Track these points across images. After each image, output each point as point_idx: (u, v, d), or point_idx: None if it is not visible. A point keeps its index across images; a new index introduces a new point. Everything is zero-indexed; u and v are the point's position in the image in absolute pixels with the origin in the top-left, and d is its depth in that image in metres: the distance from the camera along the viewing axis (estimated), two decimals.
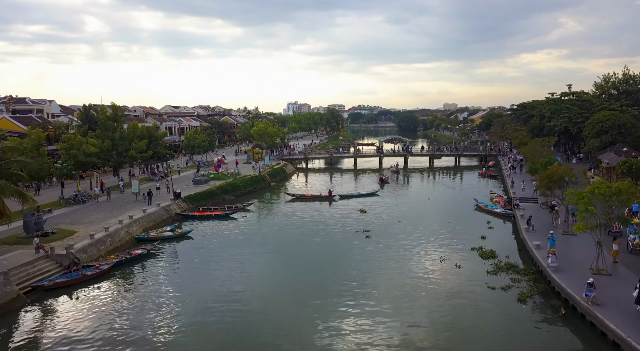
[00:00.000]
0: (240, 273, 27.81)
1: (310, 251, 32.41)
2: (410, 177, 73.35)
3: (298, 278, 27.24)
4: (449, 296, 23.72)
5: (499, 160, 78.66)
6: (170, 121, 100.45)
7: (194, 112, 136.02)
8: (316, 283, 26.19)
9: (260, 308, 22.73)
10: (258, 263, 30.02)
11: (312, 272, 28.07)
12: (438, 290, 24.58)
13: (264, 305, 23.12)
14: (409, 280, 26.29)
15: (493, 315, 21.63)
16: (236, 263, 29.81)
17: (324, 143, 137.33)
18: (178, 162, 73.05)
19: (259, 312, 22.26)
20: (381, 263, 29.29)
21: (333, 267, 28.73)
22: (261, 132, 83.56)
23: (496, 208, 43.10)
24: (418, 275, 27.09)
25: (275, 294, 24.72)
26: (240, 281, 26.59)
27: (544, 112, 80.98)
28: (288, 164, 77.44)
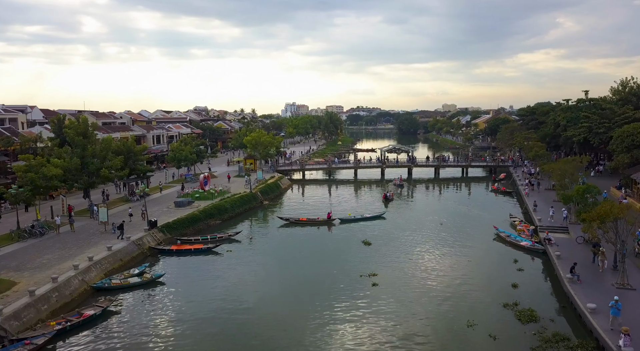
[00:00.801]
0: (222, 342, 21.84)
1: (301, 311, 26.30)
2: (416, 192, 67.41)
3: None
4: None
5: (511, 173, 72.74)
6: (158, 128, 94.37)
7: (186, 117, 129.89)
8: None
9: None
10: (241, 325, 23.99)
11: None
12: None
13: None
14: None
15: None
16: (213, 325, 23.81)
17: (322, 149, 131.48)
18: (163, 176, 66.98)
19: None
20: (393, 337, 23.29)
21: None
22: (254, 142, 77.62)
23: (522, 240, 37.14)
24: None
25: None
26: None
27: (559, 120, 75.14)
28: (283, 177, 71.40)
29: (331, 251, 37.12)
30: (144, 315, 25.32)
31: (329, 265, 33.23)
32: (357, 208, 55.25)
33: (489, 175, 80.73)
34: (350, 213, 49.09)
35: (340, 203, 58.04)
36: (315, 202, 59.06)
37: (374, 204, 57.31)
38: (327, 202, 58.80)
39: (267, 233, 43.26)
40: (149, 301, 27.17)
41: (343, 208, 54.74)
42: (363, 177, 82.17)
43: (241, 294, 28.19)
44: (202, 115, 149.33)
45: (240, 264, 33.93)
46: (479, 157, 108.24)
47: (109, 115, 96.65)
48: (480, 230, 42.56)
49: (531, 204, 46.84)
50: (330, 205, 55.86)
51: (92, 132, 47.89)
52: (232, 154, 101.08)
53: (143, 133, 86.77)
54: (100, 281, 28.89)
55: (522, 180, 63.38)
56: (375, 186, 74.65)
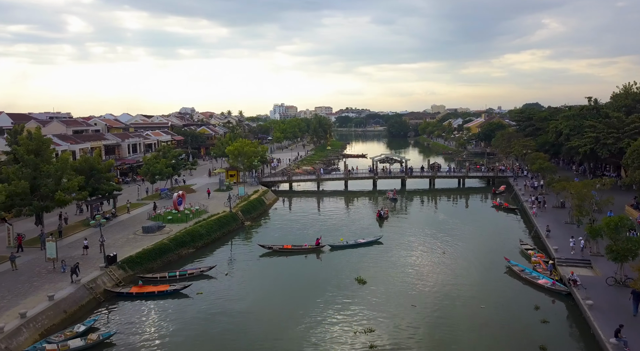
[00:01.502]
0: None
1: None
2: (411, 206, 62.44)
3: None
4: None
5: (512, 185, 68.07)
6: (135, 136, 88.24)
7: (168, 122, 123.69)
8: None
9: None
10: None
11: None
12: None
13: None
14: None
15: None
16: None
17: (311, 155, 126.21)
18: (137, 190, 61.08)
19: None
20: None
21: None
22: (237, 152, 72.06)
23: (539, 276, 32.18)
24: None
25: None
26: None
27: (561, 128, 70.74)
28: (268, 191, 65.88)
29: (317, 293, 31.75)
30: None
31: (315, 318, 27.89)
32: (349, 226, 50.20)
33: (487, 186, 76.16)
34: (342, 239, 43.82)
35: (330, 221, 52.92)
36: (302, 220, 53.81)
37: (367, 222, 52.28)
38: (315, 220, 53.59)
39: (245, 267, 37.70)
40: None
41: (333, 227, 49.76)
42: (354, 188, 77.14)
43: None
44: (185, 120, 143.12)
45: (210, 314, 28.43)
46: (474, 164, 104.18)
47: (82, 122, 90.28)
48: (489, 260, 37.57)
49: (542, 227, 42.04)
50: (319, 225, 50.68)
51: (47, 147, 41.94)
52: (215, 163, 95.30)
53: (117, 142, 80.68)
54: (32, 346, 23.23)
55: (525, 194, 58.75)
56: (368, 199, 69.66)
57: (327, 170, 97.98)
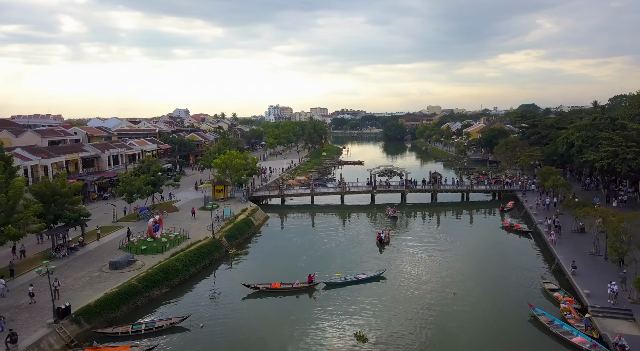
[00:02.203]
0: None
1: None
2: (413, 226, 57.28)
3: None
4: None
5: (521, 202, 63.06)
6: (117, 146, 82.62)
7: (155, 129, 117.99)
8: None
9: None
10: None
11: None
12: None
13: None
14: None
15: None
16: None
17: (305, 163, 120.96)
18: (112, 211, 55.62)
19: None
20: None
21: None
22: (224, 166, 66.69)
23: (573, 332, 27.03)
24: None
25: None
26: None
27: (573, 139, 65.85)
28: (257, 209, 60.49)
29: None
30: None
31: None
32: (346, 253, 45.09)
33: (492, 200, 71.21)
34: (339, 274, 38.55)
35: (324, 246, 47.91)
36: (294, 245, 48.69)
37: (366, 247, 47.32)
38: (309, 245, 48.46)
39: (225, 314, 32.29)
40: None
41: (328, 254, 44.90)
42: (351, 202, 72.08)
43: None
44: (174, 125, 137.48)
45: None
46: (476, 173, 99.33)
47: (59, 131, 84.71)
48: (508, 305, 32.43)
49: (565, 260, 37.05)
50: (312, 252, 45.52)
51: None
52: (202, 174, 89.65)
53: (96, 154, 75.12)
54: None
55: (537, 214, 53.72)
56: (366, 216, 64.63)
57: (322, 181, 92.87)
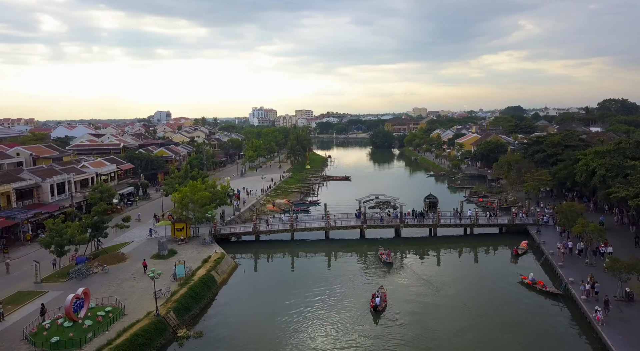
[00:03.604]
0: None
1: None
2: (411, 278, 47.16)
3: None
4: None
5: (537, 241, 53.40)
6: (65, 171, 70.85)
7: (120, 144, 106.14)
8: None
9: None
10: None
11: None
12: None
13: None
14: None
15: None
16: None
17: (287, 179, 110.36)
18: (35, 269, 44.36)
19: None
20: None
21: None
22: (186, 201, 55.79)
23: None
24: None
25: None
26: None
27: (594, 167, 56.62)
28: (223, 258, 49.60)
29: None
30: None
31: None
32: (330, 330, 34.66)
33: (500, 234, 61.53)
34: None
35: (303, 316, 37.53)
36: (263, 313, 38.38)
37: (357, 316, 37.53)
38: (282, 310, 38.10)
39: None
40: None
41: (308, 331, 34.44)
42: (337, 236, 62.07)
43: None
44: (142, 138, 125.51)
45: None
46: (474, 193, 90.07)
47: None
48: None
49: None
50: (289, 329, 35.07)
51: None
52: (166, 200, 78.22)
53: (36, 183, 63.49)
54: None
55: (563, 265, 44.11)
56: (356, 259, 54.97)
57: (305, 206, 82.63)
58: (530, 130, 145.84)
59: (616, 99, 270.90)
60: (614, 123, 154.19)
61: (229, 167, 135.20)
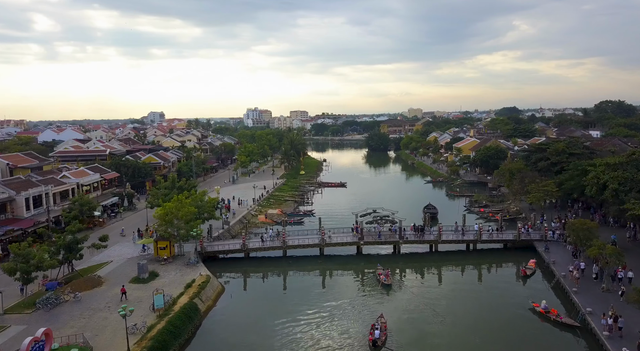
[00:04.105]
0: None
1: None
2: (412, 302, 43.45)
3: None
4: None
5: (547, 264, 49.80)
6: (43, 183, 66.53)
7: (106, 150, 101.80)
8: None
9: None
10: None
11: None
12: None
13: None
14: None
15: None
16: None
17: (281, 186, 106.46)
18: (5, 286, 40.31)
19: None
20: None
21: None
22: (170, 217, 51.88)
23: None
24: None
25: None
26: None
27: (605, 180, 53.20)
28: (209, 281, 45.58)
29: None
30: None
31: None
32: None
33: (504, 250, 57.99)
34: None
35: (296, 345, 33.81)
36: (253, 347, 34.55)
37: None
38: (272, 346, 34.36)
39: None
40: None
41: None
42: (333, 252, 58.45)
43: None
44: (130, 143, 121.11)
45: None
46: (475, 203, 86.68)
47: None
48: None
49: None
50: None
51: None
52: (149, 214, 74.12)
53: (10, 197, 59.26)
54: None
55: (577, 291, 40.61)
56: (352, 277, 51.58)
57: (299, 216, 78.83)
58: (529, 134, 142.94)
59: (613, 101, 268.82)
60: (613, 126, 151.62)
61: (221, 172, 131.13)
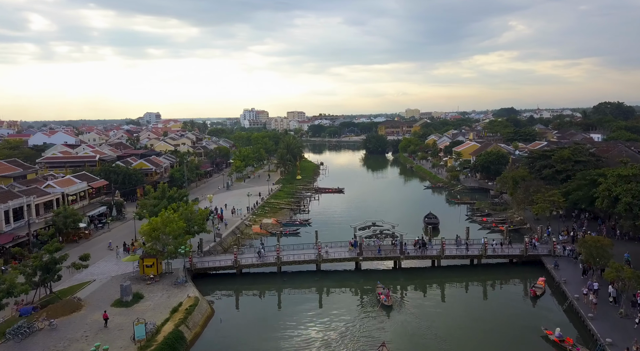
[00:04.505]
0: None
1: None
2: (414, 323, 40.47)
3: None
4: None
5: (558, 283, 46.81)
6: (24, 193, 63.11)
7: (95, 156, 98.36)
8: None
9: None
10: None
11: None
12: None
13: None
14: None
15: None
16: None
17: (277, 193, 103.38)
18: None
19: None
20: None
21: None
22: (157, 233, 48.72)
23: None
24: None
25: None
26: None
27: (618, 193, 50.33)
28: (197, 304, 42.40)
29: None
30: None
31: None
32: None
33: (510, 265, 55.07)
34: None
35: None
36: None
37: None
38: None
39: None
40: None
41: None
42: (330, 268, 55.51)
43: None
44: (121, 148, 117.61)
45: None
46: (478, 212, 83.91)
47: None
48: None
49: None
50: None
51: None
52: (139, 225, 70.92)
53: None
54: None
55: (593, 316, 37.69)
56: (351, 296, 48.98)
57: (294, 227, 75.79)
58: (530, 138, 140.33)
59: (612, 102, 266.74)
60: (614, 129, 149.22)
61: (215, 177, 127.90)
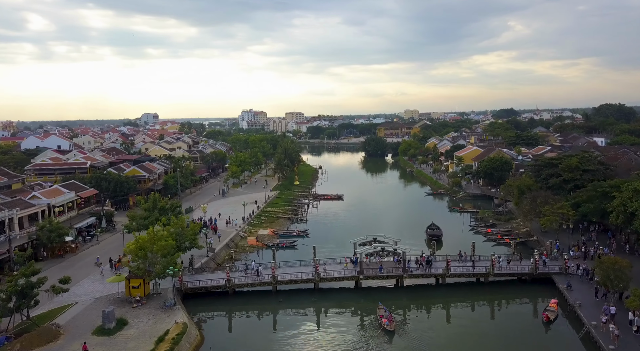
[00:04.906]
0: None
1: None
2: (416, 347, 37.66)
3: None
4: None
5: (572, 306, 43.85)
6: (10, 204, 60.02)
7: (86, 162, 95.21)
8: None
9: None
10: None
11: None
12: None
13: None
14: None
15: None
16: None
17: (274, 200, 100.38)
18: None
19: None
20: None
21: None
22: (143, 253, 45.67)
23: None
24: None
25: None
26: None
27: (635, 209, 47.42)
28: (185, 332, 39.34)
29: None
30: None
31: None
32: None
33: (519, 284, 52.18)
34: None
35: None
36: None
37: None
38: None
39: None
40: None
41: None
42: (329, 286, 52.58)
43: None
44: (115, 154, 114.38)
45: None
46: (480, 221, 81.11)
47: None
48: None
49: None
50: None
51: None
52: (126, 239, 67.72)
53: None
54: None
55: (613, 348, 34.77)
56: (351, 319, 46.63)
57: (291, 239, 72.84)
58: (532, 142, 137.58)
59: (613, 104, 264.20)
60: (618, 133, 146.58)
61: (211, 182, 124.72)
